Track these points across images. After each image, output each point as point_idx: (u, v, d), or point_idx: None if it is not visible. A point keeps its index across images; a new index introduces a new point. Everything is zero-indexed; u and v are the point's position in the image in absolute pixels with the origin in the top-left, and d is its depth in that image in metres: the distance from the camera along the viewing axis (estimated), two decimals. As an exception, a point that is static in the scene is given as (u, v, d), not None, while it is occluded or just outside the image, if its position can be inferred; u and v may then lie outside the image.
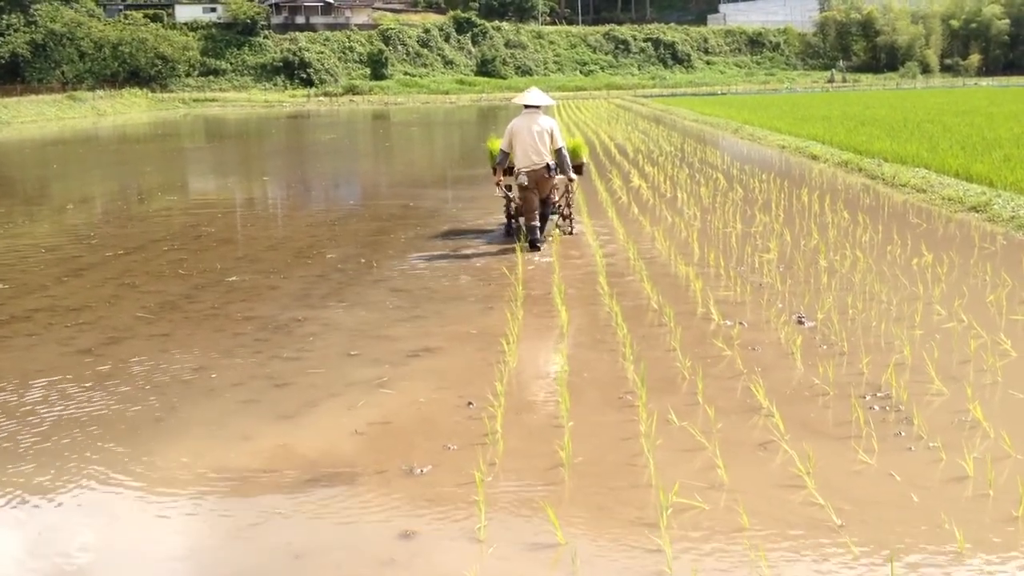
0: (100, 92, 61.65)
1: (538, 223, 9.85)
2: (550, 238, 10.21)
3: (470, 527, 3.76)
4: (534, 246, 9.71)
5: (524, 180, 9.70)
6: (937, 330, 6.23)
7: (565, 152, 9.94)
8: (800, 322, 6.55)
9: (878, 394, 5.09)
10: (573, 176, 10.21)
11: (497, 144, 10.44)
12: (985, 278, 7.62)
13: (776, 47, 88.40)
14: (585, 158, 11.54)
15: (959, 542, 3.50)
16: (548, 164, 9.70)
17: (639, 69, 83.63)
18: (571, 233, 10.58)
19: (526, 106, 9.89)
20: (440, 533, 3.74)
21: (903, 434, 4.55)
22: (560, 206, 10.48)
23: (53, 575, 3.59)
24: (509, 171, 10.11)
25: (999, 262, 8.18)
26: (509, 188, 10.33)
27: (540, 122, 9.74)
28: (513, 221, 10.64)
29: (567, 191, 10.48)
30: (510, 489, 4.10)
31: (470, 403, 5.16)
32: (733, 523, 3.71)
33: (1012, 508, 3.77)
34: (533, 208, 9.81)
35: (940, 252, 8.51)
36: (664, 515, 3.72)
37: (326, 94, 70.95)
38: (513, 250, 9.52)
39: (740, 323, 6.58)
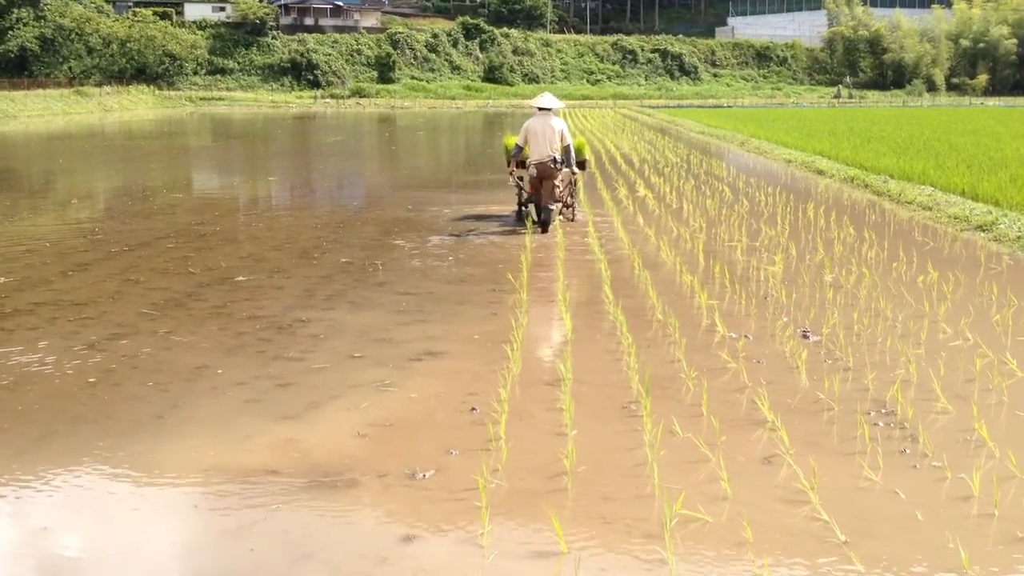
0: (107, 88, 61.61)
1: (546, 207, 11.17)
2: (555, 225, 11.33)
3: (472, 533, 3.74)
4: (544, 228, 11.11)
5: (535, 171, 11.09)
6: (943, 348, 6.22)
7: (572, 149, 11.38)
8: (805, 336, 6.53)
9: (883, 410, 5.07)
10: (576, 170, 11.71)
11: (512, 141, 12.06)
12: (991, 297, 7.60)
13: (783, 61, 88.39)
14: (588, 155, 13.88)
15: (964, 561, 3.48)
16: (556, 158, 11.10)
17: (646, 79, 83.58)
18: (573, 220, 12.10)
19: (540, 108, 11.30)
20: (442, 538, 3.72)
21: (908, 451, 4.53)
22: (564, 195, 11.85)
23: (53, 572, 3.57)
24: (522, 164, 11.56)
25: (1005, 281, 8.17)
26: (521, 179, 11.68)
27: (552, 123, 11.19)
28: (523, 208, 11.91)
29: (571, 183, 11.97)
30: (513, 496, 4.08)
31: (474, 408, 5.14)
32: (737, 536, 3.69)
33: (1017, 528, 3.75)
34: (542, 195, 11.17)
35: (946, 270, 8.50)
36: (668, 526, 3.70)
37: (333, 96, 70.91)
38: (518, 252, 9.51)
39: (745, 336, 6.56)
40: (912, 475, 4.28)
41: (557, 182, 11.29)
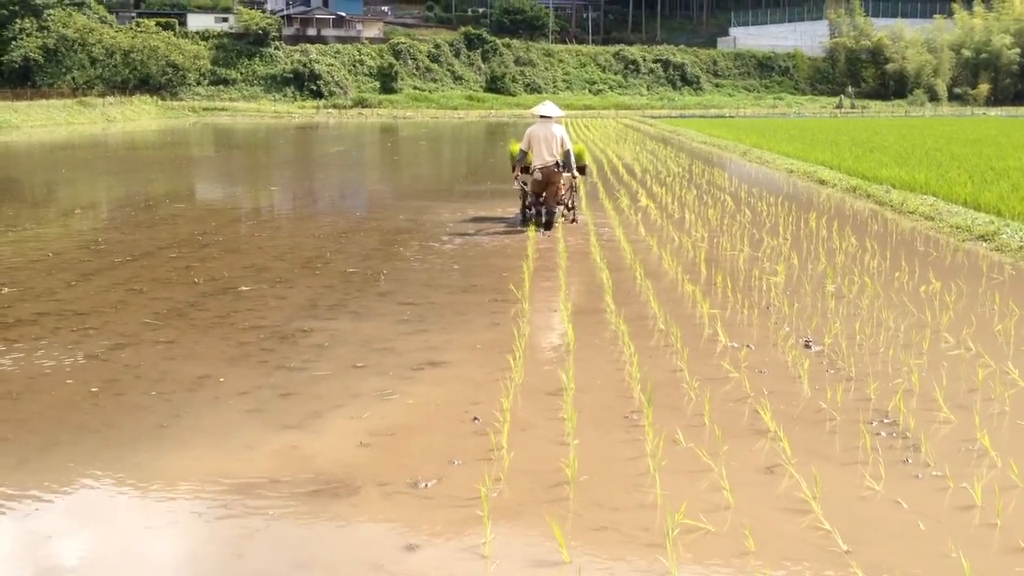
0: (110, 98, 61.76)
1: (548, 209, 12.03)
2: (557, 231, 11.88)
3: (475, 542, 3.74)
4: (547, 227, 11.96)
5: (539, 175, 11.89)
6: (945, 358, 6.22)
7: (572, 154, 12.08)
8: (807, 346, 6.53)
9: (885, 420, 5.07)
10: (576, 174, 12.42)
11: (517, 147, 12.76)
12: (993, 307, 7.61)
13: (785, 71, 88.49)
14: (589, 163, 15.85)
15: (966, 571, 3.47)
16: (558, 163, 11.85)
17: (648, 90, 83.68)
18: (574, 221, 12.68)
19: (541, 116, 12.07)
20: (444, 547, 3.72)
21: (910, 461, 4.53)
22: (565, 198, 12.57)
23: (55, 579, 3.58)
24: (525, 169, 12.30)
25: (1007, 291, 8.17)
26: (526, 183, 12.47)
27: (553, 129, 11.92)
28: (527, 210, 12.64)
29: (572, 186, 12.67)
30: (515, 505, 4.08)
31: (476, 418, 5.15)
32: (739, 546, 3.69)
33: (1020, 539, 3.75)
34: (545, 197, 12.00)
35: (948, 280, 8.50)
36: (670, 536, 3.70)
37: (335, 106, 71.04)
38: (520, 262, 9.52)
39: (747, 345, 6.57)
40: (914, 485, 4.28)
41: (559, 185, 12.11)
